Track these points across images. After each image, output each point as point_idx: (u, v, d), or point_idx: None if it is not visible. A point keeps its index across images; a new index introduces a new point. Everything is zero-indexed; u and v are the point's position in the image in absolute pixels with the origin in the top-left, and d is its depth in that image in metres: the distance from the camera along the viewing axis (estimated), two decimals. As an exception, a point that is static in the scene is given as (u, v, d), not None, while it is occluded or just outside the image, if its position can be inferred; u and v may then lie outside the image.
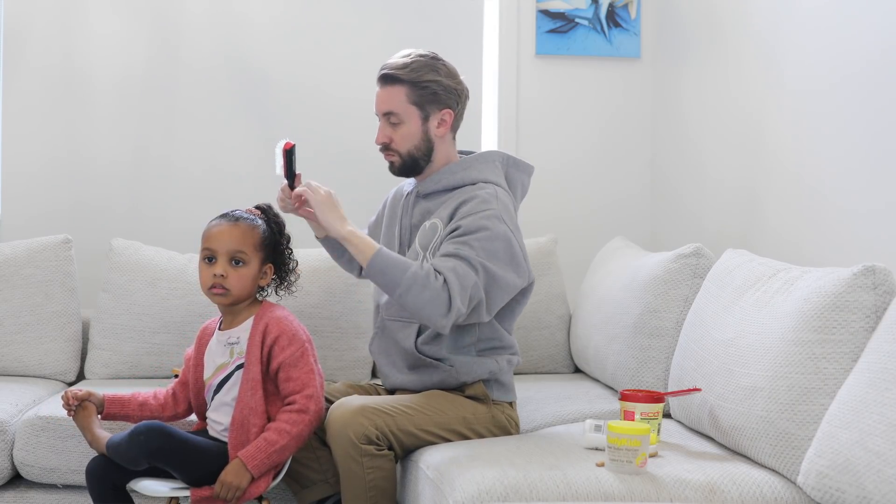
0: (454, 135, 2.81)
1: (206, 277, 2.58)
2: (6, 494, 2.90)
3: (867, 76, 2.69)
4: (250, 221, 2.61)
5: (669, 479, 2.21)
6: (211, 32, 4.02)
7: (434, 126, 2.74)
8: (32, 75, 3.93)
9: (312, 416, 2.53)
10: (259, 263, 2.60)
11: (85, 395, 2.63)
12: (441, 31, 4.11)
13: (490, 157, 2.78)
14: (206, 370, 2.65)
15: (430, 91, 2.71)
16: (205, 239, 2.61)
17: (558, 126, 4.16)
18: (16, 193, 3.94)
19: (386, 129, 2.75)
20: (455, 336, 2.69)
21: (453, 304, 2.51)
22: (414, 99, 2.70)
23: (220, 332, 2.65)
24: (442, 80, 2.72)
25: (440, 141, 2.76)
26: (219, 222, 2.62)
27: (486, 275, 2.58)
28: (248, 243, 2.58)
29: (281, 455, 2.50)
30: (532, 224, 4.07)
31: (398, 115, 2.71)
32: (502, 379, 2.74)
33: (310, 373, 2.56)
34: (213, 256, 2.58)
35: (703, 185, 3.71)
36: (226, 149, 4.00)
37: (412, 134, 2.72)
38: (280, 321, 2.58)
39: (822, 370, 2.18)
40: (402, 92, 2.70)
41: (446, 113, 2.74)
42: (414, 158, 2.75)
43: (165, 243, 3.66)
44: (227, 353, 2.61)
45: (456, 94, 2.76)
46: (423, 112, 2.72)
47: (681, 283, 2.97)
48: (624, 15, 4.11)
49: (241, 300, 2.60)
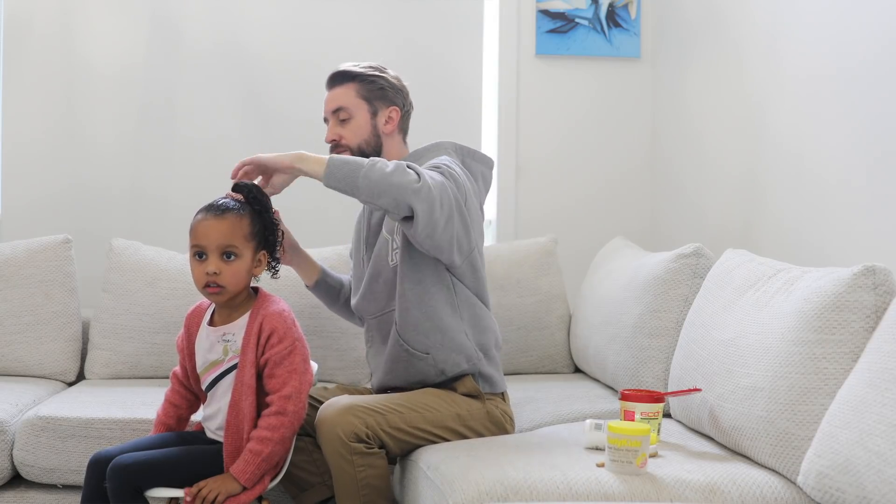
0: (404, 137, 2.86)
1: (200, 276, 2.50)
2: (6, 494, 2.90)
3: (869, 72, 2.69)
4: (237, 212, 2.51)
5: (669, 479, 2.21)
6: (211, 30, 4.02)
7: (382, 122, 2.79)
8: (32, 75, 3.94)
9: (292, 417, 2.47)
10: (252, 253, 2.52)
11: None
12: (441, 31, 4.11)
13: (442, 146, 2.79)
14: (198, 363, 2.59)
15: (378, 86, 2.79)
16: (192, 235, 2.52)
17: (558, 126, 4.16)
18: (16, 193, 3.94)
19: (335, 128, 2.79)
20: (436, 314, 2.67)
21: (422, 176, 2.46)
22: (363, 93, 2.78)
23: (215, 327, 2.57)
24: (389, 79, 2.82)
25: (389, 138, 2.80)
26: (205, 216, 2.51)
27: (452, 187, 2.55)
28: (239, 235, 2.49)
29: (269, 461, 2.47)
30: (532, 224, 4.07)
31: (347, 109, 2.77)
32: (486, 370, 2.72)
33: (292, 372, 2.49)
34: (203, 253, 2.50)
35: (704, 185, 3.71)
36: (226, 147, 4.00)
37: (361, 128, 2.77)
38: (275, 317, 2.51)
39: (822, 370, 2.18)
40: (351, 88, 2.78)
41: (393, 110, 2.80)
42: (364, 153, 2.76)
43: (165, 243, 3.67)
44: (221, 350, 2.54)
45: (402, 95, 2.83)
46: (371, 107, 2.78)
47: (681, 283, 2.97)
48: (624, 15, 4.12)
49: (237, 295, 2.54)
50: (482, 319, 2.74)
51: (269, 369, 2.50)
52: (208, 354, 2.57)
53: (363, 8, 4.09)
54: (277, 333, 2.50)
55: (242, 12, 4.04)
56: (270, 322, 2.51)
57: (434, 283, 2.66)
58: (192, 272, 2.53)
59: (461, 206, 2.58)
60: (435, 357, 2.67)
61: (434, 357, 2.67)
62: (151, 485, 2.44)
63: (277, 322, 2.51)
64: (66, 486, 2.90)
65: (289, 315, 2.55)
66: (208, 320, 2.60)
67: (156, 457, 2.46)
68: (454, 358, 2.68)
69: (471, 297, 2.72)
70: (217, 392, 2.56)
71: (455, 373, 2.69)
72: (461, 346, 2.68)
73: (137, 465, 2.42)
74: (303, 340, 2.55)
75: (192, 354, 2.61)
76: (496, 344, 2.78)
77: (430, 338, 2.67)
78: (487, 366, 2.73)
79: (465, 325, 2.70)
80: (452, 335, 2.67)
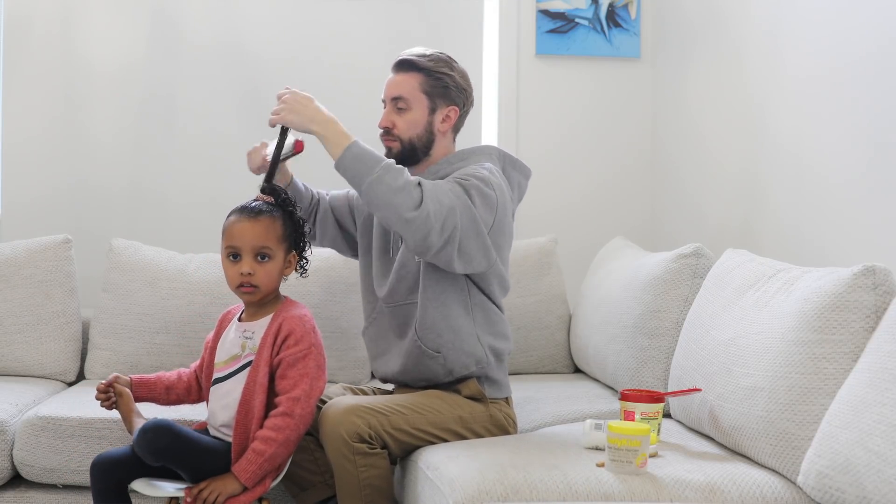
0: (455, 136, 2.83)
1: (234, 276, 2.56)
2: (6, 494, 2.90)
3: (868, 71, 2.69)
4: (270, 214, 2.57)
5: (669, 479, 2.21)
6: (211, 29, 4.02)
7: (439, 120, 2.76)
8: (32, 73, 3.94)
9: (298, 420, 2.48)
10: (283, 255, 2.58)
11: (112, 378, 2.62)
12: (441, 31, 4.11)
13: (487, 150, 2.79)
14: (219, 355, 2.62)
15: (443, 84, 2.75)
16: (227, 236, 2.58)
17: (558, 126, 4.16)
18: (16, 193, 3.94)
19: (391, 115, 2.76)
20: (450, 313, 2.67)
21: (424, 203, 2.47)
22: (426, 88, 2.74)
23: (240, 322, 2.63)
24: (455, 77, 2.77)
25: (441, 136, 2.77)
26: (239, 218, 2.57)
27: (466, 210, 2.55)
28: (272, 237, 2.55)
29: (272, 463, 2.48)
30: (532, 224, 4.07)
31: (407, 100, 2.74)
32: (494, 375, 2.73)
33: (304, 376, 2.51)
34: (237, 254, 2.55)
35: (704, 184, 3.71)
36: (226, 145, 3.99)
37: (416, 122, 2.74)
38: (294, 320, 2.55)
39: (822, 370, 2.18)
40: (416, 79, 2.74)
41: (452, 110, 2.77)
42: (413, 147, 2.75)
43: (165, 243, 3.67)
44: (241, 345, 2.59)
45: (465, 95, 2.80)
46: (431, 103, 2.75)
47: (681, 283, 2.96)
48: (624, 15, 4.12)
49: (269, 295, 2.59)
50: (496, 324, 2.74)
51: (281, 370, 2.52)
52: (231, 348, 2.61)
53: (363, 7, 4.09)
54: (294, 335, 2.53)
55: (242, 11, 4.04)
56: (289, 324, 2.54)
57: (450, 284, 2.67)
58: (226, 272, 2.59)
59: (478, 228, 2.57)
60: (446, 357, 2.67)
61: (445, 357, 2.67)
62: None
63: (296, 325, 2.54)
64: (66, 486, 2.90)
65: (309, 320, 2.58)
66: (239, 316, 2.66)
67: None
68: (464, 360, 2.68)
69: (485, 300, 2.72)
70: (226, 388, 2.57)
71: (463, 374, 2.69)
72: (472, 348, 2.68)
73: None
74: (320, 347, 2.57)
75: (214, 350, 2.65)
76: (507, 350, 2.78)
77: (443, 337, 2.67)
78: (497, 371, 2.74)
79: (478, 327, 2.70)
80: (464, 336, 2.68)
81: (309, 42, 4.06)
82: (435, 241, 2.50)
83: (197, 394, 2.73)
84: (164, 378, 2.72)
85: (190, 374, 2.75)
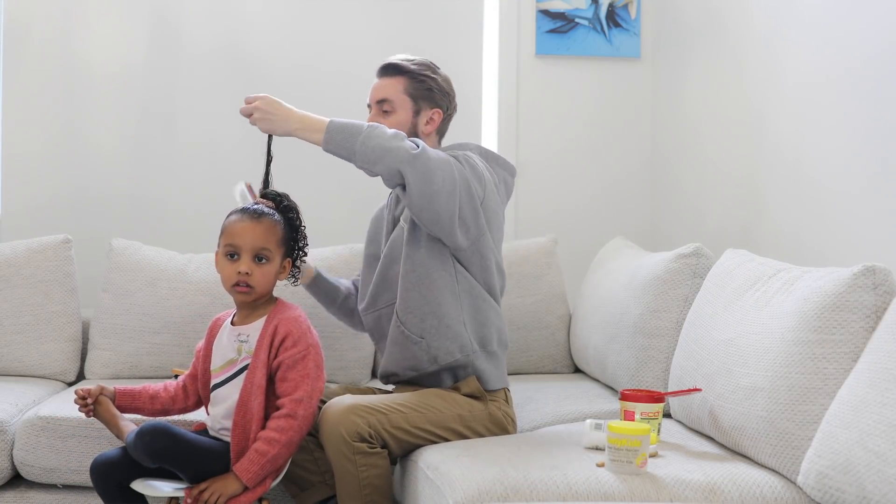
0: (440, 139, 2.88)
1: (230, 274, 2.56)
2: (6, 494, 2.90)
3: (867, 73, 2.69)
4: (271, 217, 2.59)
5: (669, 479, 2.21)
6: (211, 32, 4.02)
7: (423, 122, 2.81)
8: (32, 75, 3.94)
9: (301, 422, 2.49)
10: (280, 259, 2.60)
11: (97, 390, 2.63)
12: (441, 31, 4.11)
13: (466, 146, 2.81)
14: (215, 361, 2.63)
15: (427, 87, 2.80)
16: (227, 235, 2.58)
17: (558, 126, 4.16)
18: (16, 193, 3.94)
19: (376, 118, 2.81)
20: (434, 298, 2.68)
21: (422, 147, 2.53)
22: (410, 91, 2.79)
23: (233, 326, 2.63)
24: (439, 81, 2.83)
25: (425, 138, 2.81)
26: (241, 217, 2.58)
27: (461, 170, 2.59)
28: (272, 240, 2.57)
29: (274, 463, 2.48)
30: (532, 224, 4.07)
31: (392, 102, 2.79)
32: (481, 365, 2.72)
33: (304, 377, 2.51)
34: (236, 253, 2.56)
35: (704, 185, 3.71)
36: (226, 147, 4.00)
37: (401, 124, 2.78)
38: (290, 321, 2.55)
39: (822, 370, 2.18)
40: (400, 82, 2.80)
41: (436, 112, 2.82)
42: None
43: (165, 243, 3.67)
44: (236, 349, 2.59)
45: (448, 99, 2.85)
46: (415, 105, 2.80)
47: (681, 283, 2.96)
48: (624, 15, 4.12)
49: (263, 297, 2.60)
50: (484, 312, 2.73)
51: (281, 372, 2.53)
52: (226, 352, 2.61)
53: (363, 8, 4.09)
54: (292, 337, 2.53)
55: (242, 14, 4.04)
56: (285, 326, 2.54)
57: (437, 268, 2.67)
58: (222, 270, 2.59)
59: (470, 187, 2.61)
60: (429, 343, 2.68)
61: (428, 342, 2.68)
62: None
63: (292, 326, 2.54)
64: (66, 485, 2.90)
65: (304, 321, 2.59)
66: (230, 320, 2.66)
67: None
68: (447, 346, 2.68)
69: (475, 286, 2.72)
70: (225, 391, 2.58)
71: (447, 361, 2.69)
72: (457, 334, 2.68)
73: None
74: (317, 347, 2.58)
75: (207, 357, 2.65)
76: (499, 341, 2.77)
77: (426, 322, 2.68)
78: (485, 361, 2.73)
79: (465, 314, 2.70)
80: (448, 322, 2.68)
81: (308, 44, 4.06)
82: (439, 189, 2.53)
83: (183, 402, 2.73)
84: (148, 388, 2.72)
85: (176, 385, 2.74)
